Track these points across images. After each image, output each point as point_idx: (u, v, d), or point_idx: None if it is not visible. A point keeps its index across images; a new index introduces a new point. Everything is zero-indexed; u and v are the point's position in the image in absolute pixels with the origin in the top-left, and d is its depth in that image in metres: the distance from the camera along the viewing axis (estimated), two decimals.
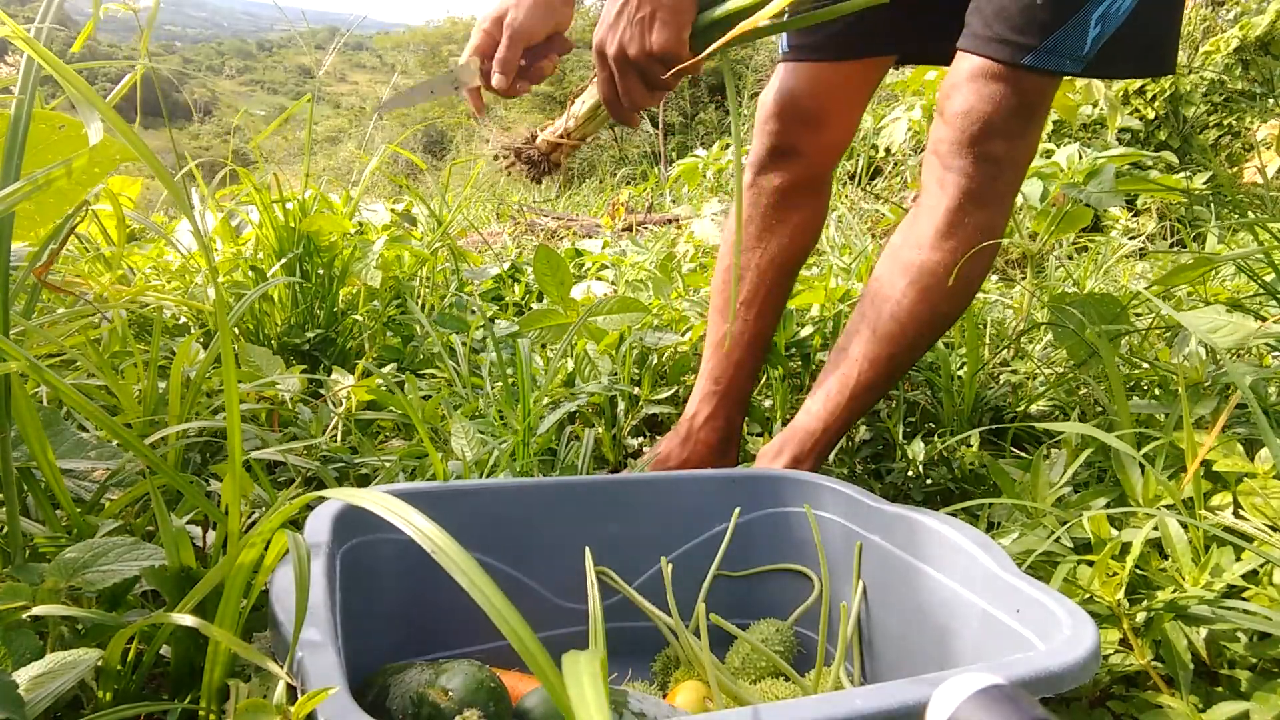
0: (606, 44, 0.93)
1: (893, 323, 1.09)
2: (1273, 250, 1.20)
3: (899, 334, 1.09)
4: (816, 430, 1.13)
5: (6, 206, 0.63)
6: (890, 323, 1.09)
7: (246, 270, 1.63)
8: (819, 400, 1.14)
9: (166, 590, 0.66)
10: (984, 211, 1.06)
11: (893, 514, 0.86)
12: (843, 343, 1.15)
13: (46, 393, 1.03)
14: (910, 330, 1.09)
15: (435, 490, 0.86)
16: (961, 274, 1.05)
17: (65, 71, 0.62)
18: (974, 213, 1.05)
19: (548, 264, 1.44)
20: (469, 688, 0.61)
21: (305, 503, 0.58)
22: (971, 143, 1.02)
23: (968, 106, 1.02)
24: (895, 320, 1.09)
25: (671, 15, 0.90)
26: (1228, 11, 6.85)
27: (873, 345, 1.10)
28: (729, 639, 0.88)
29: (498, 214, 4.84)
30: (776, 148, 1.26)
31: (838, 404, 1.12)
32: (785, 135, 1.25)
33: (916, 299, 1.08)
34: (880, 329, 1.10)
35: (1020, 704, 0.44)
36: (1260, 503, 0.81)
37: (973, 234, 1.06)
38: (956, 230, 1.06)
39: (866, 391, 1.11)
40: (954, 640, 0.76)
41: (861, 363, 1.10)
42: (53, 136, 0.81)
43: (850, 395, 1.11)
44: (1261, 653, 0.76)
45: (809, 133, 1.25)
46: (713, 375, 1.29)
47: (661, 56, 0.91)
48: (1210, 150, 5.63)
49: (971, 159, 1.03)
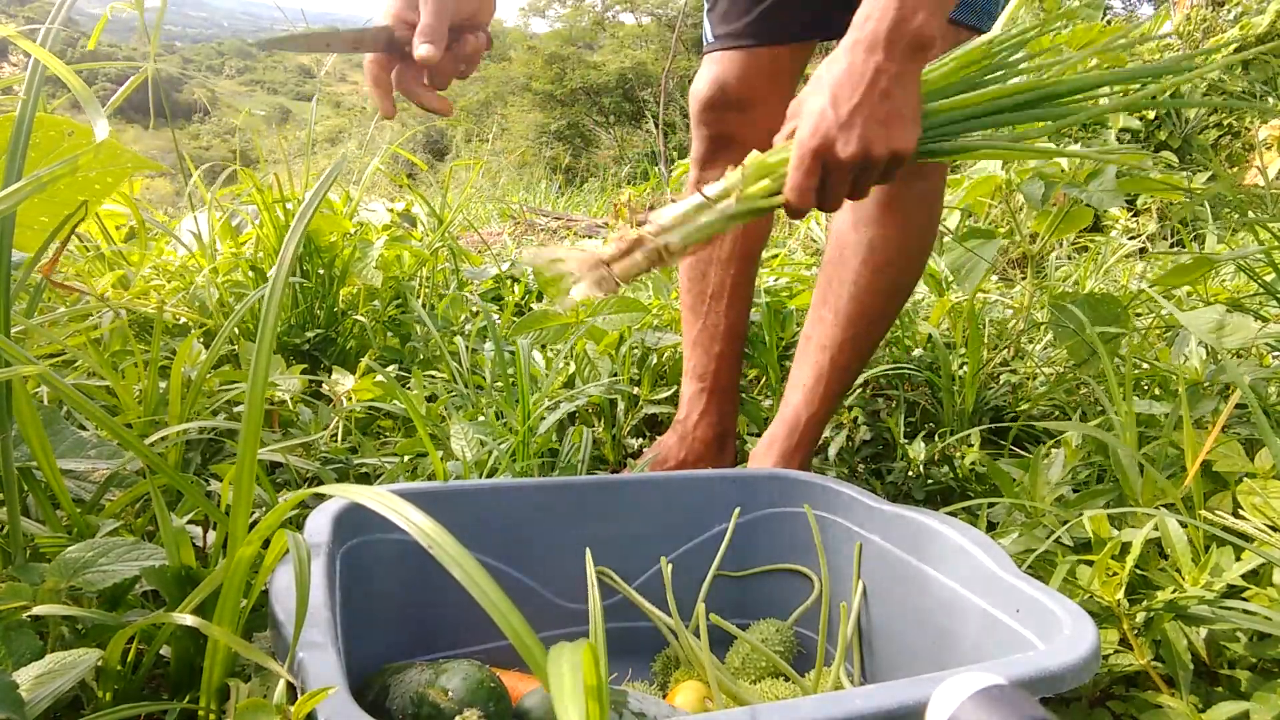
0: (837, 146, 0.79)
1: (853, 303, 1.10)
2: (1273, 250, 1.20)
3: (861, 313, 1.10)
4: (800, 421, 1.14)
5: (9, 206, 0.63)
6: (851, 304, 1.11)
7: (246, 270, 1.63)
8: (797, 391, 1.15)
9: (166, 590, 0.66)
10: (923, 181, 1.07)
11: (893, 514, 0.86)
12: (808, 331, 1.16)
13: (47, 392, 1.03)
14: (872, 307, 1.10)
15: (435, 490, 0.86)
16: (910, 244, 1.06)
17: (74, 80, 0.62)
18: (913, 183, 1.06)
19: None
20: (469, 687, 0.61)
21: (303, 499, 0.58)
22: None
23: None
24: (856, 300, 1.10)
25: (915, 112, 0.81)
26: (1228, 11, 6.84)
27: (838, 329, 1.11)
28: (729, 639, 0.88)
29: (498, 214, 4.84)
30: (715, 139, 1.25)
31: (815, 392, 1.13)
32: (721, 124, 1.24)
33: (872, 276, 1.09)
34: (842, 311, 1.11)
35: (1020, 704, 0.44)
36: (1260, 503, 0.81)
37: (915, 203, 1.07)
38: (899, 202, 1.07)
39: (842, 373, 1.13)
40: (954, 640, 0.76)
41: (831, 349, 1.12)
42: (60, 142, 0.82)
43: (826, 381, 1.12)
44: (1261, 653, 0.76)
45: (744, 120, 1.23)
46: (696, 373, 1.29)
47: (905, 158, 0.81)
48: (1210, 150, 5.63)
49: None
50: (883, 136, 0.79)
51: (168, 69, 1.49)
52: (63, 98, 1.33)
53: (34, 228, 0.93)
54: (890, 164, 0.81)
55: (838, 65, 0.81)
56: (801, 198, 0.81)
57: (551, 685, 0.38)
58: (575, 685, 0.38)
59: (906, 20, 0.78)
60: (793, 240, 3.51)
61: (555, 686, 0.38)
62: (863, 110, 0.78)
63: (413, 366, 1.50)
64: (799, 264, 2.62)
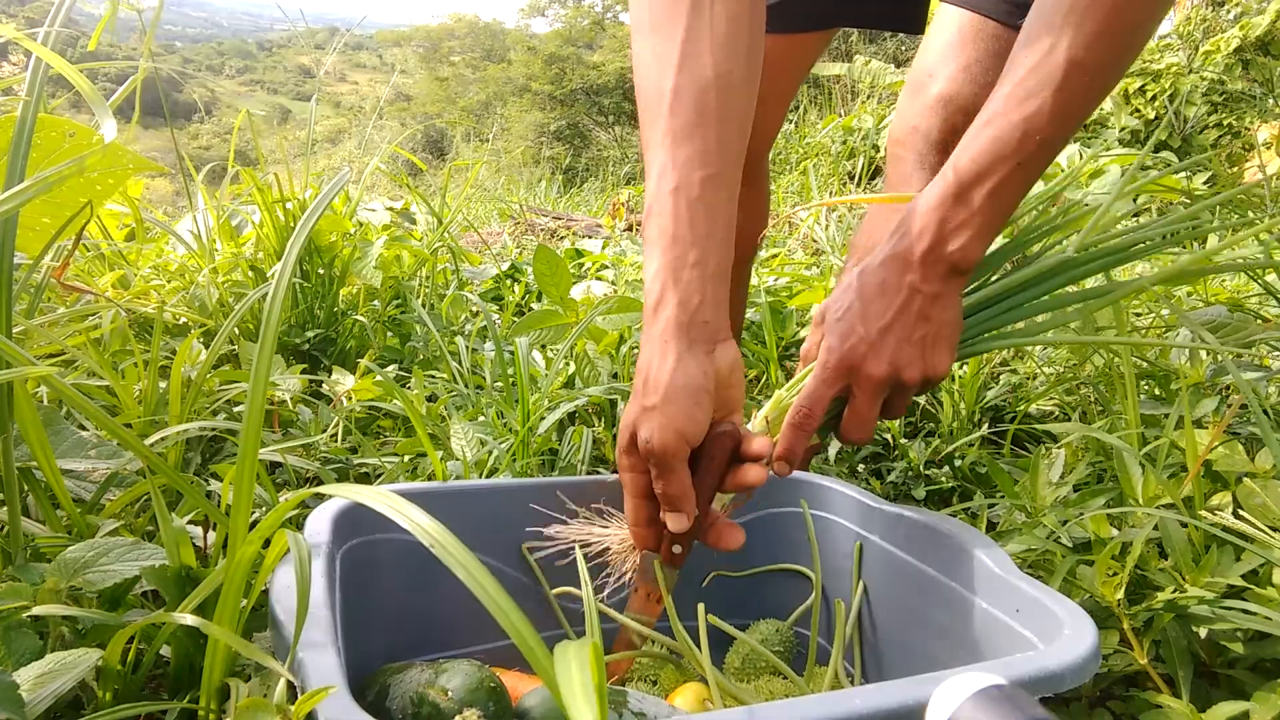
0: (868, 364, 0.74)
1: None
2: (1273, 250, 1.20)
3: None
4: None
5: (13, 207, 0.63)
6: None
7: (247, 270, 1.63)
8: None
9: (166, 590, 0.66)
10: None
11: (893, 514, 0.86)
12: None
13: (47, 392, 1.03)
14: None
15: (435, 490, 0.86)
16: None
17: (79, 80, 0.62)
18: None
19: (547, 264, 1.44)
20: (469, 687, 0.61)
21: (303, 499, 0.58)
22: None
23: None
24: None
25: (955, 333, 0.76)
26: (1228, 12, 6.84)
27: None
28: (729, 639, 0.88)
29: (498, 214, 4.84)
30: None
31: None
32: None
33: None
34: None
35: (1020, 704, 0.44)
36: (1260, 503, 0.81)
37: None
38: None
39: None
40: (954, 640, 0.76)
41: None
42: (62, 143, 0.82)
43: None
44: (1261, 653, 0.76)
45: None
46: None
47: (938, 381, 0.77)
48: (1210, 150, 5.63)
49: None
50: (916, 359, 0.74)
51: (168, 69, 1.49)
52: (61, 98, 1.33)
53: (35, 229, 0.93)
54: (923, 388, 0.77)
55: (872, 277, 0.75)
56: (814, 405, 0.76)
57: (560, 683, 0.38)
58: (584, 682, 0.38)
59: (946, 242, 0.73)
60: (793, 240, 3.51)
61: (564, 684, 0.38)
62: (895, 331, 0.74)
63: (413, 366, 1.50)
64: (799, 264, 2.62)
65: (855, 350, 0.75)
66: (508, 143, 14.59)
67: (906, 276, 0.74)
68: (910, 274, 0.74)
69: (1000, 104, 0.72)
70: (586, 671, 0.38)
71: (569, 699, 0.37)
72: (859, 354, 0.75)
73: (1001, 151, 0.72)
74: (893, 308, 0.74)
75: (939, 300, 0.75)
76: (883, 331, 0.74)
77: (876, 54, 9.27)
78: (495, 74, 21.09)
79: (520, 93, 19.67)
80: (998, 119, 0.72)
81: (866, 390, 0.75)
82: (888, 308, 0.74)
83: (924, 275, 0.74)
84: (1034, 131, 0.71)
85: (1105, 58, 0.70)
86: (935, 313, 0.75)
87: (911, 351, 0.74)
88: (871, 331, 0.74)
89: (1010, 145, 0.71)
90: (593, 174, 9.42)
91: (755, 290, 1.74)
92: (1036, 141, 0.71)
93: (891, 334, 0.74)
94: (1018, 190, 0.74)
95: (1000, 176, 0.72)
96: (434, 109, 22.15)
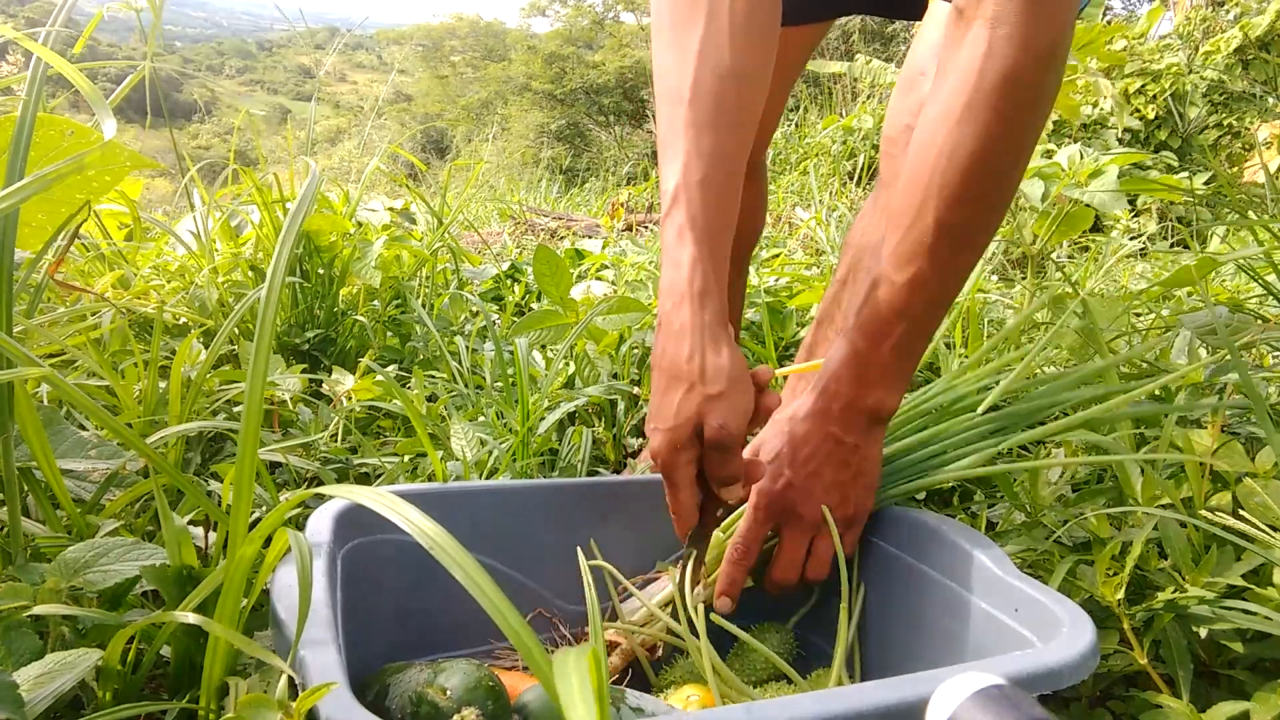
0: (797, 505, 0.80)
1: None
2: (1273, 250, 1.20)
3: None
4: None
5: (12, 204, 0.63)
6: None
7: (246, 270, 1.63)
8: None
9: (167, 590, 0.66)
10: None
11: (892, 514, 0.86)
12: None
13: (47, 392, 1.03)
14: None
15: (434, 491, 0.86)
16: None
17: (79, 79, 0.62)
18: None
19: (547, 264, 1.44)
20: (467, 686, 0.61)
21: (304, 499, 0.58)
22: None
23: None
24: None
25: (873, 478, 0.83)
26: (1227, 12, 6.84)
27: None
28: (728, 643, 0.88)
29: (498, 214, 4.84)
30: None
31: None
32: None
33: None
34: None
35: (1020, 704, 0.44)
36: (1260, 503, 0.81)
37: None
38: None
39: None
40: (954, 640, 0.76)
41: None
42: (60, 142, 0.82)
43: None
44: (1261, 653, 0.76)
45: None
46: None
47: (861, 520, 0.84)
48: (1210, 150, 5.63)
49: None
50: (840, 502, 0.81)
51: (167, 69, 1.49)
52: (61, 98, 1.33)
53: (31, 226, 0.93)
54: (848, 525, 0.83)
55: (799, 427, 0.82)
56: (749, 543, 0.82)
57: (561, 694, 0.38)
58: (586, 694, 0.38)
59: (862, 398, 0.80)
60: (793, 240, 3.51)
61: (565, 696, 0.38)
62: (822, 476, 0.81)
63: (413, 366, 1.50)
64: (799, 264, 2.62)
65: (785, 494, 0.81)
66: (508, 142, 14.59)
67: (829, 428, 0.81)
68: (832, 426, 0.81)
69: (885, 265, 0.77)
70: (588, 680, 0.38)
71: (568, 703, 0.37)
72: (789, 498, 0.81)
73: (892, 313, 0.77)
74: (817, 456, 0.81)
75: (859, 450, 0.81)
76: (810, 477, 0.81)
77: (878, 53, 9.27)
78: (495, 73, 21.08)
79: (520, 92, 19.67)
80: (885, 281, 0.77)
81: (795, 530, 0.82)
82: (812, 455, 0.81)
83: (845, 428, 0.80)
84: (919, 291, 0.76)
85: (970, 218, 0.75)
86: (856, 460, 0.81)
87: (836, 495, 0.81)
88: (800, 476, 0.81)
89: (898, 306, 0.77)
90: (593, 174, 9.42)
91: (755, 290, 1.74)
92: (924, 300, 0.77)
93: (819, 479, 0.81)
94: (919, 341, 0.80)
95: (898, 334, 0.77)
96: (434, 108, 22.14)
